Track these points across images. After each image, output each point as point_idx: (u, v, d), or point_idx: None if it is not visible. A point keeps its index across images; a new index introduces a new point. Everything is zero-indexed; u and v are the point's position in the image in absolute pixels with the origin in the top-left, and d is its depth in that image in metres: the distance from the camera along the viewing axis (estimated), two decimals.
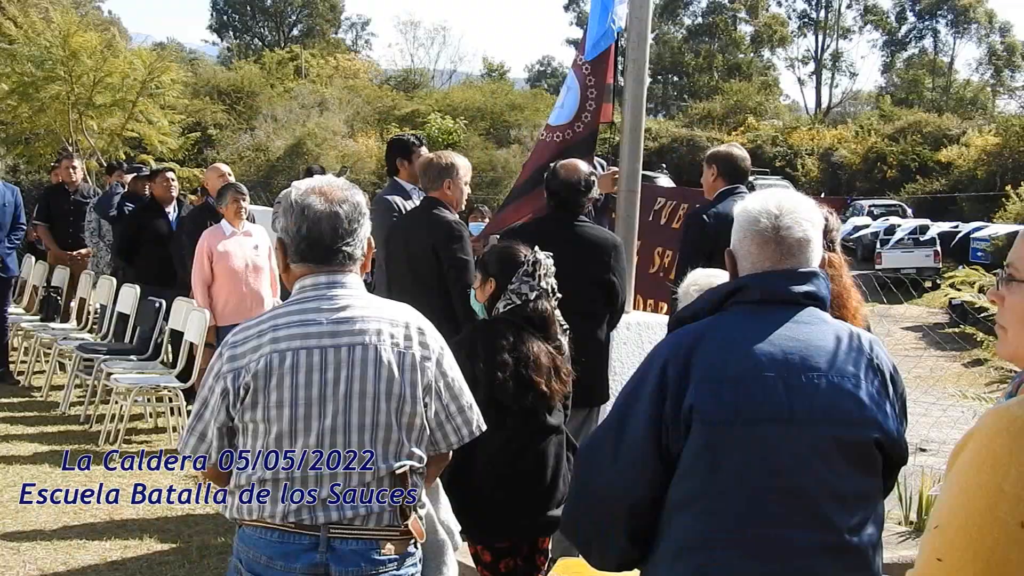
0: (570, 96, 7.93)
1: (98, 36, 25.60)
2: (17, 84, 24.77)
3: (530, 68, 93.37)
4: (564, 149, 7.91)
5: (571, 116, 7.95)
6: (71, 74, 24.03)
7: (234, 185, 10.33)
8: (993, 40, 75.43)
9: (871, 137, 50.02)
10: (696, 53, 78.16)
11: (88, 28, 26.69)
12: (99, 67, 24.30)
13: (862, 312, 4.71)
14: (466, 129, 45.94)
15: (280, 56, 62.82)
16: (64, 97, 24.34)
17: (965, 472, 2.14)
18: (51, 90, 24.42)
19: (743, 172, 7.35)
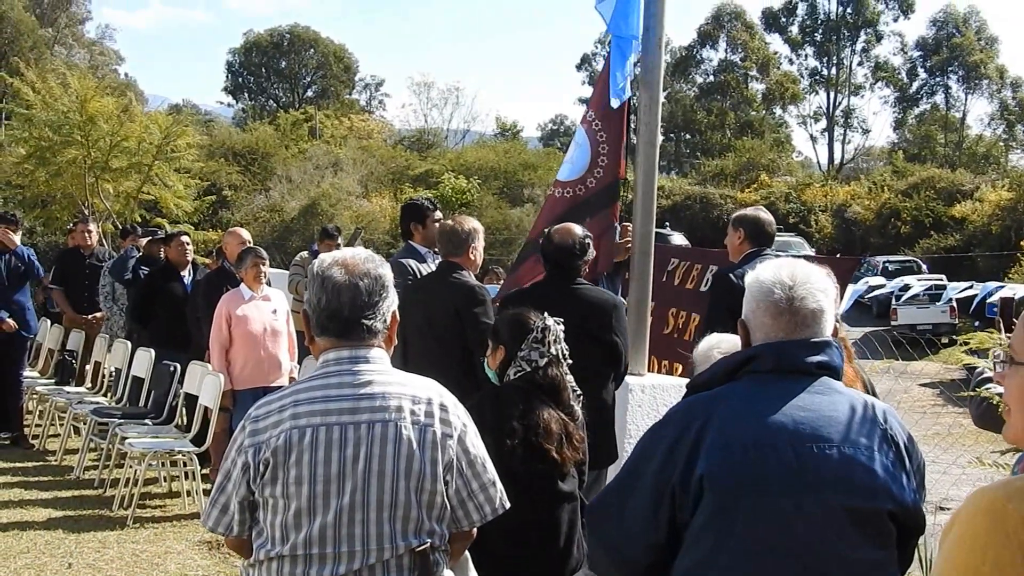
0: (579, 152, 7.93)
1: (115, 101, 25.86)
2: (35, 148, 24.99)
3: (543, 127, 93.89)
4: (575, 204, 7.90)
5: (582, 171, 7.94)
6: (88, 138, 24.23)
7: (254, 250, 10.36)
8: (1005, 95, 75.62)
9: (884, 193, 50.04)
10: (708, 111, 78.45)
11: (105, 93, 26.94)
12: (116, 131, 24.51)
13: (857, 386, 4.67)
14: (479, 188, 46.14)
15: (295, 117, 63.25)
16: (81, 161, 24.53)
17: (950, 552, 2.16)
18: (68, 154, 24.61)
19: (770, 236, 7.45)
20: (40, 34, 65.18)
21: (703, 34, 79.75)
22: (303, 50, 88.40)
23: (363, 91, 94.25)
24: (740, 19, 79.45)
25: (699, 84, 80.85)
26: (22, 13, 64.11)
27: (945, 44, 74.83)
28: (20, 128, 25.93)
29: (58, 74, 28.46)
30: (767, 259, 6.99)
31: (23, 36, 61.65)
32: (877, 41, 76.31)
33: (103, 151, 24.53)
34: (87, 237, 14.51)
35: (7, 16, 62.17)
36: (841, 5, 75.32)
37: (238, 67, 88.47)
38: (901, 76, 77.29)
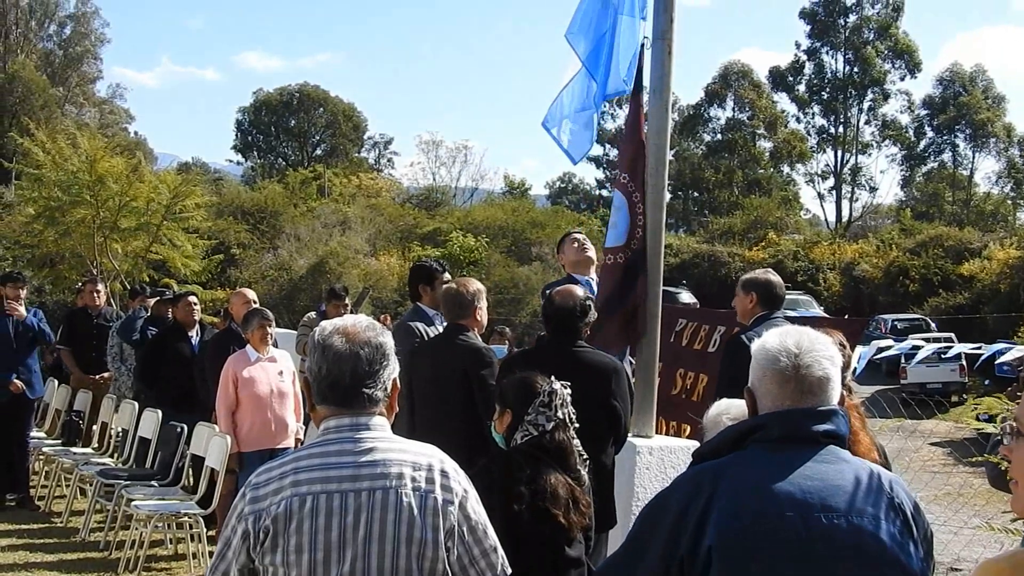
0: (620, 216, 7.90)
1: (124, 161, 26.00)
2: (44, 208, 25.09)
3: (551, 185, 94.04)
4: (626, 268, 7.86)
5: (625, 236, 7.90)
6: (97, 198, 24.35)
7: (260, 311, 10.37)
8: (1012, 153, 75.72)
9: (892, 251, 50.05)
10: (716, 169, 78.63)
11: (114, 152, 27.08)
12: (125, 191, 24.63)
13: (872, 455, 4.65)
14: (488, 247, 46.18)
15: (303, 175, 63.55)
16: (90, 221, 24.63)
17: None
18: (77, 214, 24.71)
19: (780, 299, 7.57)
20: (51, 93, 65.55)
21: (710, 93, 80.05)
22: (312, 109, 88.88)
23: (372, 149, 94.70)
24: (747, 78, 79.78)
25: (707, 142, 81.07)
26: (33, 73, 64.54)
27: (952, 103, 75.04)
28: (30, 188, 26.05)
29: (68, 134, 28.63)
30: (778, 322, 7.09)
31: (34, 95, 62.01)
32: (884, 100, 76.52)
33: (112, 211, 24.64)
34: (95, 297, 14.54)
35: (18, 76, 62.59)
36: (848, 64, 75.68)
37: (247, 125, 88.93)
38: (908, 134, 77.42)
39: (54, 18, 74.98)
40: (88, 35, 75.68)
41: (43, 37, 75.33)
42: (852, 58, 75.15)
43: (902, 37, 74.91)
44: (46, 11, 74.13)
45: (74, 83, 73.65)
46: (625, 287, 7.73)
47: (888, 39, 74.55)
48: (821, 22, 75.47)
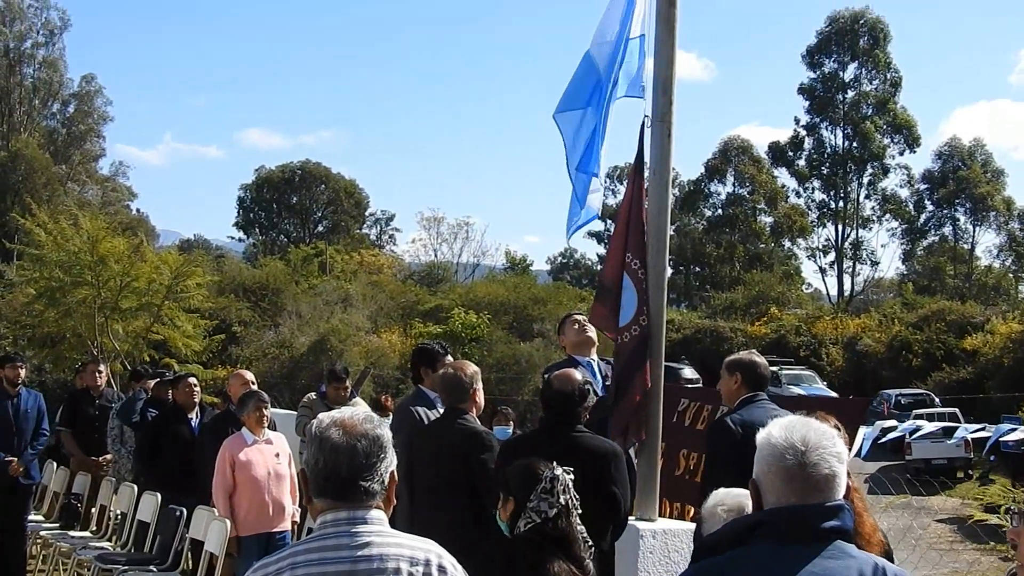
0: (627, 296, 7.88)
1: (125, 241, 26.10)
2: (45, 289, 25.10)
3: (553, 260, 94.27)
4: (636, 346, 7.82)
5: (633, 314, 7.87)
6: (98, 279, 24.38)
7: (257, 393, 10.30)
8: (1012, 227, 75.95)
9: (895, 326, 49.96)
10: (717, 244, 78.83)
11: (116, 231, 27.18)
12: (126, 272, 24.67)
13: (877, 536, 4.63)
14: (489, 324, 46.15)
15: (305, 252, 63.74)
16: (91, 301, 24.65)
17: None
18: (78, 294, 24.74)
19: (766, 379, 7.55)
20: (54, 171, 65.98)
21: (711, 168, 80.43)
22: (314, 186, 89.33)
23: (373, 226, 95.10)
24: (747, 153, 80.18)
25: (708, 217, 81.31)
26: (36, 151, 64.99)
27: (952, 177, 75.34)
28: (31, 268, 26.10)
29: (70, 215, 28.74)
30: (762, 403, 7.10)
31: (37, 173, 62.42)
32: (884, 174, 76.78)
33: (113, 291, 24.67)
34: (96, 378, 14.47)
35: (21, 154, 63.04)
36: (847, 139, 76.01)
37: (249, 202, 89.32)
38: (908, 208, 77.64)
39: (58, 96, 75.61)
40: (91, 113, 76.31)
41: (47, 115, 75.94)
42: (851, 133, 75.50)
43: (900, 112, 75.33)
44: (50, 90, 74.76)
45: (77, 161, 74.12)
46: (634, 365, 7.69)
47: (887, 114, 74.95)
48: (820, 98, 75.92)
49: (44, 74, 74.16)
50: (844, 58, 75.69)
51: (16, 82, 72.78)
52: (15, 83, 72.65)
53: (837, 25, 75.27)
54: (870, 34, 75.01)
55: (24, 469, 12.35)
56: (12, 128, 71.14)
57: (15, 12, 73.32)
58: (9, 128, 71.05)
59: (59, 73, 74.67)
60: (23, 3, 73.98)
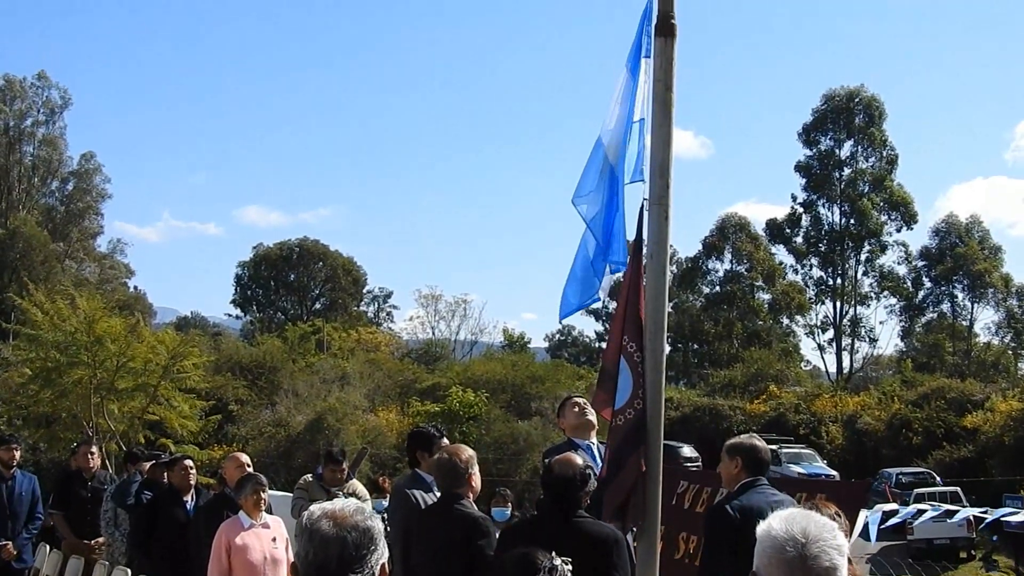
0: (623, 378, 7.83)
1: (122, 321, 26.08)
2: (41, 369, 25.04)
3: (550, 338, 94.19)
4: (633, 429, 7.76)
5: (628, 396, 7.82)
6: (95, 359, 24.36)
7: (254, 476, 10.20)
8: (1011, 304, 75.99)
9: (895, 403, 49.83)
10: (716, 321, 78.85)
11: (113, 310, 27.14)
12: (123, 352, 24.65)
13: None
14: (487, 402, 46.02)
15: (303, 330, 63.70)
16: (87, 382, 24.60)
17: None
18: (74, 375, 24.69)
19: (766, 464, 7.59)
20: (52, 249, 66.16)
21: (708, 245, 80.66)
22: (312, 263, 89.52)
23: (371, 303, 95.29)
24: (744, 230, 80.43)
25: (705, 294, 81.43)
26: (35, 228, 65.20)
27: (949, 254, 75.52)
28: (27, 349, 26.04)
29: (67, 294, 28.75)
30: (763, 488, 7.04)
31: (34, 251, 62.58)
32: (881, 251, 76.97)
33: (109, 372, 24.63)
34: (89, 459, 14.35)
35: (20, 232, 63.22)
36: (844, 216, 76.22)
37: (247, 280, 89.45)
38: (906, 285, 77.73)
39: (57, 175, 76.02)
40: (90, 191, 76.67)
41: (45, 193, 76.31)
42: (848, 210, 75.74)
43: (897, 189, 75.64)
44: (49, 167, 75.17)
45: (75, 238, 74.34)
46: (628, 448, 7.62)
47: (883, 191, 75.25)
48: (816, 175, 76.26)
49: (44, 152, 74.61)
50: (840, 136, 76.14)
51: (15, 160, 73.19)
52: (14, 161, 73.07)
53: (833, 103, 75.81)
54: (866, 112, 75.52)
55: (17, 553, 12.21)
56: (11, 205, 71.43)
57: (16, 91, 73.88)
58: (8, 206, 71.34)
59: (59, 151, 75.13)
60: (24, 82, 74.60)
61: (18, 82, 74.19)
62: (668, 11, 7.77)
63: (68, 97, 76.23)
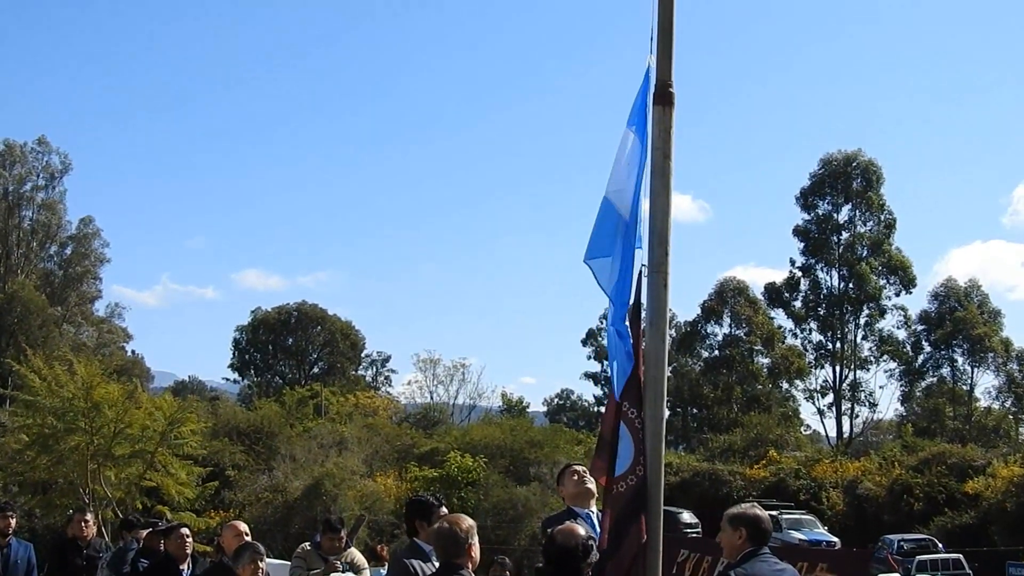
0: (623, 444, 7.76)
1: (120, 387, 26.00)
2: (37, 436, 24.95)
3: (549, 402, 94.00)
4: (632, 496, 7.68)
5: (629, 463, 7.76)
6: (92, 426, 24.29)
7: (252, 545, 10.09)
8: (1011, 368, 75.83)
9: (895, 469, 49.57)
10: (715, 385, 78.69)
11: (110, 376, 27.07)
12: (120, 418, 24.59)
13: None
14: (486, 467, 45.81)
15: (300, 394, 63.51)
16: (84, 448, 24.53)
17: None
18: (71, 441, 24.62)
19: (769, 534, 7.60)
20: (50, 313, 66.11)
21: (707, 310, 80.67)
22: (310, 327, 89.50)
23: (369, 367, 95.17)
24: (743, 294, 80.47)
25: (705, 358, 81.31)
26: (33, 292, 65.19)
27: (948, 318, 75.46)
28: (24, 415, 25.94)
29: (64, 359, 28.66)
30: (765, 557, 7.02)
31: (32, 315, 62.54)
32: (880, 315, 76.78)
33: (106, 438, 24.54)
34: (83, 527, 14.23)
35: (18, 296, 63.22)
36: (843, 280, 76.18)
37: (245, 344, 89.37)
38: (906, 350, 77.56)
39: (55, 239, 76.10)
40: (88, 255, 76.71)
41: (44, 257, 76.35)
42: (847, 274, 75.73)
43: (895, 253, 75.67)
44: (48, 232, 75.27)
45: (73, 303, 74.32)
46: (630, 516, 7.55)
47: (882, 255, 75.28)
48: (814, 239, 76.33)
49: (43, 216, 74.74)
50: (838, 200, 76.28)
51: (14, 224, 73.31)
52: (13, 225, 73.19)
53: (830, 167, 76.02)
54: (863, 176, 75.69)
55: None
56: (9, 270, 71.45)
57: (16, 156, 74.15)
58: (6, 270, 71.36)
59: (58, 215, 75.27)
60: (25, 147, 74.85)
61: (18, 147, 74.48)
62: (666, 80, 7.77)
63: (68, 162, 76.53)
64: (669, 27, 7.91)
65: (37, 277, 72.42)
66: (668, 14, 7.92)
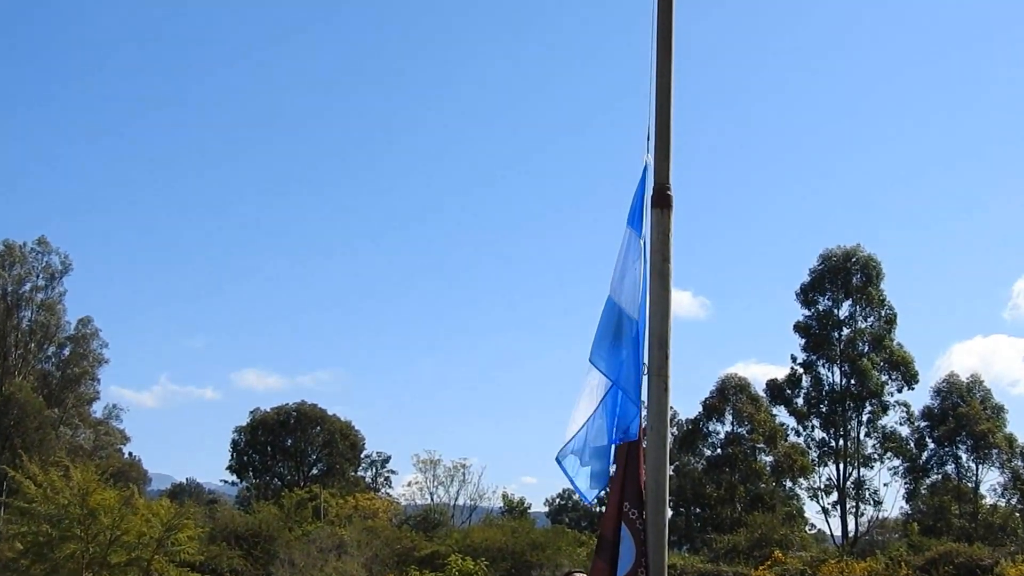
0: (625, 547, 7.61)
1: (116, 493, 25.72)
2: (32, 543, 24.63)
3: (551, 502, 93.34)
4: None
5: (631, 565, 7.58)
6: (87, 533, 23.99)
7: None
8: (1016, 465, 75.19)
9: (902, 569, 48.87)
10: (718, 484, 78.10)
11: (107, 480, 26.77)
12: (116, 525, 24.30)
13: None
14: (487, 570, 45.26)
15: (299, 496, 63.02)
16: (79, 556, 24.19)
17: None
18: (66, 549, 24.30)
19: None
20: (47, 415, 65.78)
21: (709, 407, 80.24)
22: (309, 427, 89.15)
23: (369, 468, 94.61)
24: (745, 392, 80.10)
25: (707, 457, 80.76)
26: (30, 394, 64.91)
27: (951, 414, 75.01)
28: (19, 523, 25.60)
29: (61, 465, 28.33)
30: None
31: (29, 417, 62.22)
32: (883, 411, 76.28)
33: (102, 545, 24.21)
34: None
35: (14, 398, 62.93)
36: (844, 376, 75.89)
37: (244, 445, 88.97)
38: (910, 446, 76.99)
39: (54, 340, 75.99)
40: (87, 356, 76.58)
41: (42, 359, 76.23)
42: (848, 370, 75.46)
43: (897, 348, 75.45)
44: (46, 333, 75.19)
45: (70, 404, 74.02)
46: None
47: (883, 351, 75.08)
48: (815, 335, 76.20)
49: (42, 317, 74.71)
50: (838, 296, 76.26)
51: (13, 325, 73.25)
52: (11, 326, 73.12)
53: (830, 263, 76.13)
54: (863, 272, 75.77)
55: None
56: (6, 371, 71.22)
57: (16, 256, 74.26)
58: (3, 371, 71.13)
59: (56, 316, 75.25)
60: (24, 247, 74.97)
61: (18, 247, 74.64)
62: (664, 183, 7.69)
63: (69, 262, 76.69)
64: (667, 129, 7.83)
65: (35, 378, 72.19)
66: (666, 116, 7.85)
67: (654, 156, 7.83)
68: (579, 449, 8.19)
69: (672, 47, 7.94)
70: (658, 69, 7.90)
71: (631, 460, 7.81)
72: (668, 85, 7.86)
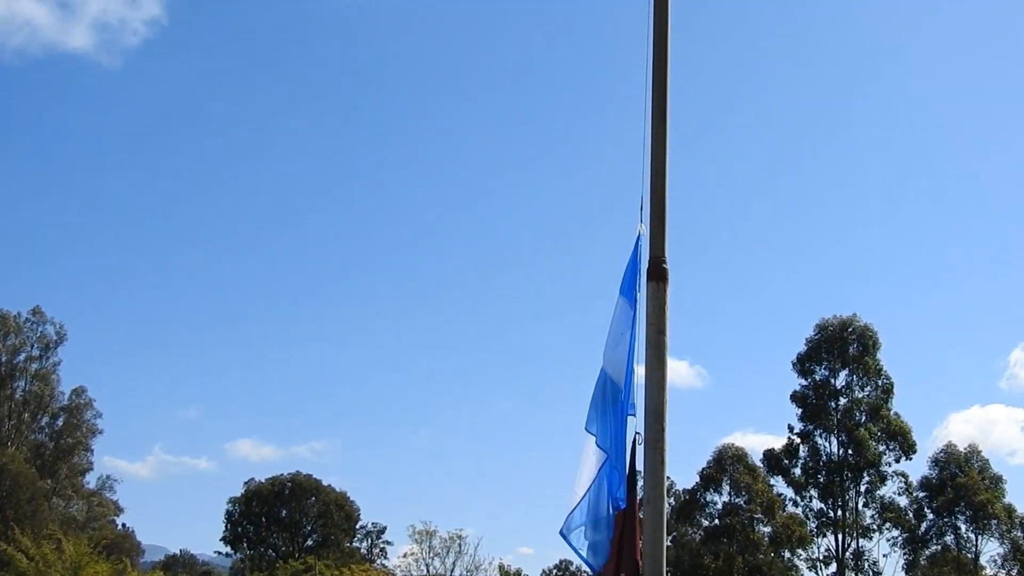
0: None
1: (108, 566, 25.51)
2: None
3: (548, 572, 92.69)
4: None
5: None
6: None
7: None
8: (1016, 535, 74.78)
9: None
10: (715, 555, 77.56)
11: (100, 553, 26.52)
12: None
13: None
14: None
15: (294, 567, 62.67)
16: None
17: None
18: None
19: None
20: (39, 486, 65.34)
21: (706, 477, 79.88)
22: (304, 498, 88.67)
23: (364, 539, 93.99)
24: (742, 462, 79.76)
25: (705, 527, 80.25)
26: (23, 465, 64.55)
27: (950, 484, 74.82)
28: None
29: (53, 538, 28.08)
30: None
31: (22, 488, 61.83)
32: (881, 482, 76.05)
33: None
34: None
35: (7, 468, 62.59)
36: (842, 446, 75.73)
37: (238, 516, 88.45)
38: (908, 517, 76.65)
39: (47, 410, 75.68)
40: (80, 426, 76.31)
41: (35, 429, 75.90)
42: (846, 440, 75.32)
43: (894, 419, 75.29)
44: (40, 403, 74.93)
45: (63, 475, 73.60)
46: None
47: (880, 421, 74.95)
48: (812, 405, 76.15)
49: (36, 387, 74.50)
50: (835, 365, 76.30)
51: (6, 395, 73.03)
52: (5, 396, 72.91)
53: (826, 333, 76.22)
54: (859, 342, 75.85)
55: None
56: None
57: (10, 326, 74.18)
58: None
59: (50, 387, 75.02)
60: (19, 317, 74.88)
61: (12, 317, 74.55)
62: (659, 256, 7.63)
63: (63, 332, 76.55)
64: (662, 203, 7.78)
65: (28, 449, 71.84)
66: (661, 190, 7.80)
67: (650, 229, 7.80)
68: (583, 522, 8.15)
69: (667, 119, 7.91)
70: (653, 143, 7.87)
71: (627, 531, 7.73)
72: (663, 159, 7.82)
